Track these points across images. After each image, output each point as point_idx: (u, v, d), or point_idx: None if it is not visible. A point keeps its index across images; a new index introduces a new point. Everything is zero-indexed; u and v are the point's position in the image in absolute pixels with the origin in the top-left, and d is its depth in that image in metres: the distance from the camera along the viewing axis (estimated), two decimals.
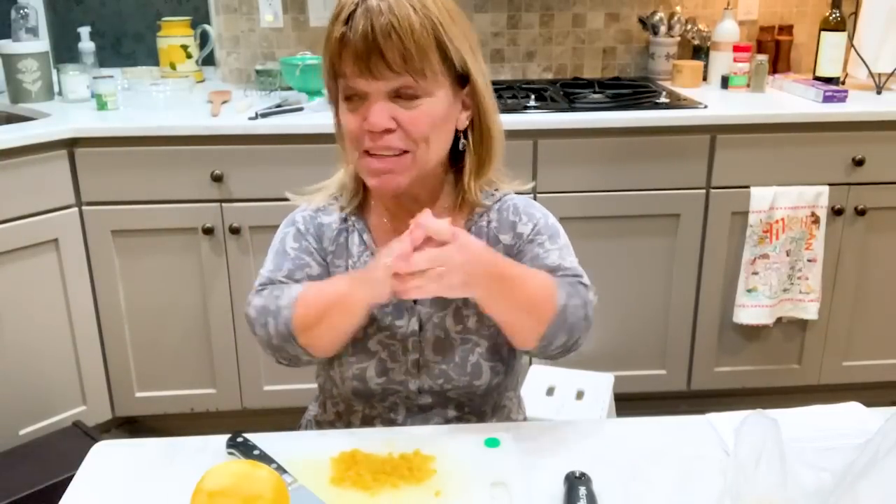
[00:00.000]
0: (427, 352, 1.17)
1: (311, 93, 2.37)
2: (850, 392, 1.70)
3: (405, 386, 1.17)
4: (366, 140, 1.07)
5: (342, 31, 1.03)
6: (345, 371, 1.17)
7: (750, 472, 0.86)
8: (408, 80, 1.04)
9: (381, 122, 1.05)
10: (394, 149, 1.07)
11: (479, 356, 1.17)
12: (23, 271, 2.12)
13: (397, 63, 1.03)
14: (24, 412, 2.19)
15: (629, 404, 2.20)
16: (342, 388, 1.19)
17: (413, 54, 1.03)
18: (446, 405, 1.19)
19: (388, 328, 1.17)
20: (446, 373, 1.16)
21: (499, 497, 0.95)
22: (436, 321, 1.17)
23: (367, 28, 1.02)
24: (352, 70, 1.04)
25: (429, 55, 1.05)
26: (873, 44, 2.47)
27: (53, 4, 2.77)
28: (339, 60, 1.05)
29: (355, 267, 1.19)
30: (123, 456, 1.05)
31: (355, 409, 1.22)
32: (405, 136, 1.07)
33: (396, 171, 1.08)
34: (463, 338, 1.17)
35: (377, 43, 1.02)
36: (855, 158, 2.29)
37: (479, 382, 1.17)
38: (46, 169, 2.11)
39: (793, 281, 2.37)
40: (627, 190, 2.28)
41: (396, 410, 1.20)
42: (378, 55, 1.02)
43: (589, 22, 2.77)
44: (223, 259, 2.25)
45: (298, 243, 1.19)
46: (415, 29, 1.03)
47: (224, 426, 1.17)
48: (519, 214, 1.20)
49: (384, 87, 1.05)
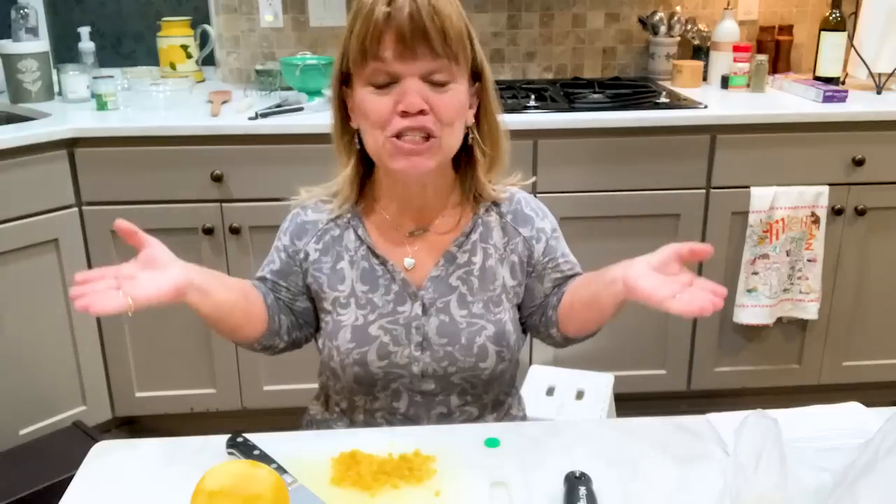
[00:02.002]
0: (431, 335, 1.18)
1: (311, 93, 2.37)
2: (850, 392, 1.70)
3: (408, 369, 1.18)
4: (396, 122, 1.08)
5: (387, 11, 1.04)
6: (345, 358, 1.18)
7: (750, 472, 0.86)
8: (443, 64, 1.07)
9: (418, 102, 1.06)
10: (426, 130, 1.08)
11: (485, 339, 1.18)
12: (23, 271, 2.12)
13: (439, 44, 1.05)
14: (24, 412, 2.19)
15: (629, 404, 2.20)
16: (344, 379, 1.20)
17: (452, 38, 1.06)
18: (449, 392, 1.20)
19: (391, 314, 1.18)
20: (451, 354, 1.17)
21: (499, 497, 0.95)
22: (440, 306, 1.19)
23: (414, 8, 1.04)
24: (393, 51, 1.05)
25: (464, 41, 1.09)
26: (873, 44, 2.47)
27: (53, 4, 2.77)
28: (379, 41, 1.05)
29: (353, 261, 1.20)
30: (123, 456, 1.05)
31: (357, 405, 1.23)
32: (436, 119, 1.08)
33: (425, 155, 1.10)
34: (469, 321, 1.18)
35: (423, 23, 1.04)
36: (855, 158, 2.29)
37: (485, 365, 1.18)
38: (46, 169, 2.11)
39: (793, 281, 2.37)
40: (627, 190, 2.28)
41: (399, 398, 1.20)
42: (422, 35, 1.04)
43: (589, 22, 2.77)
44: (223, 259, 2.25)
45: (277, 241, 1.25)
46: (453, 15, 1.07)
47: (224, 426, 1.17)
48: (533, 209, 1.26)
49: (420, 68, 1.06)
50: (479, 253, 1.21)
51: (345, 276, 1.20)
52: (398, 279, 1.19)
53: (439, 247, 1.21)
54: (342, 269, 1.20)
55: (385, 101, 1.08)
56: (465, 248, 1.21)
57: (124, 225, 1.00)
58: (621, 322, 2.36)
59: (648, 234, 2.32)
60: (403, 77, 1.06)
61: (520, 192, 1.27)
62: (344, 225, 1.22)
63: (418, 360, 1.18)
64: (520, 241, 1.23)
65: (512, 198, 1.25)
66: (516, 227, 1.23)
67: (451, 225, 1.21)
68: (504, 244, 1.22)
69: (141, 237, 1.02)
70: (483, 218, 1.22)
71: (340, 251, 1.21)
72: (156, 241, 1.03)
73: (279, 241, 1.25)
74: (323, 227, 1.22)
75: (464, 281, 1.20)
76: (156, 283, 0.98)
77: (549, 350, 2.32)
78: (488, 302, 1.20)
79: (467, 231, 1.21)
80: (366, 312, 1.18)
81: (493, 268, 1.21)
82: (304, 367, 1.30)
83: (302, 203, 1.25)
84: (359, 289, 1.19)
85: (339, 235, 1.21)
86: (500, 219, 1.23)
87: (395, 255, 1.20)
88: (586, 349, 1.21)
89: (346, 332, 1.18)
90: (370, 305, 1.18)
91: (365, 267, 1.20)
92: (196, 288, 1.05)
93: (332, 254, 1.21)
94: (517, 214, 1.24)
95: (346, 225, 1.21)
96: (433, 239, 1.21)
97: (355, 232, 1.21)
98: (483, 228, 1.22)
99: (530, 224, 1.23)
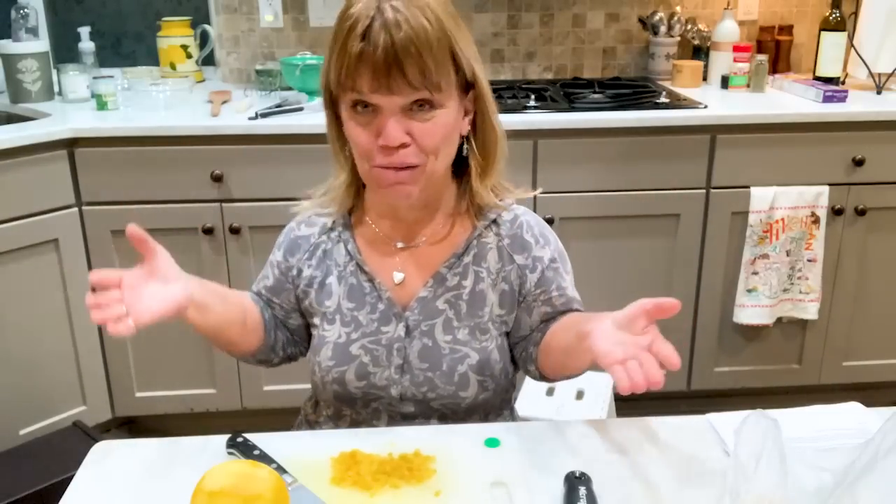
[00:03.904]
0: (412, 358, 1.16)
1: (311, 93, 2.37)
2: (850, 392, 1.70)
3: (387, 392, 1.16)
4: (377, 154, 1.05)
5: (360, 48, 0.99)
6: (325, 375, 1.17)
7: (750, 472, 0.86)
8: (424, 95, 1.02)
9: (398, 136, 1.02)
10: (407, 164, 1.05)
11: (468, 367, 1.15)
12: (23, 271, 2.12)
13: (416, 79, 1.00)
14: (24, 412, 2.19)
15: (629, 404, 2.19)
16: (324, 394, 1.20)
17: (432, 69, 1.01)
18: (429, 416, 1.18)
19: (373, 333, 1.16)
20: (431, 381, 1.15)
21: (499, 497, 0.95)
22: (424, 329, 1.16)
23: (388, 43, 0.98)
24: (369, 86, 1.01)
25: (446, 68, 1.03)
26: (873, 44, 2.47)
27: (53, 4, 2.77)
28: (354, 75, 1.01)
29: (342, 276, 1.19)
30: (123, 456, 1.05)
31: (344, 414, 1.22)
32: (418, 149, 1.05)
33: (409, 183, 1.07)
34: (452, 348, 1.15)
35: (398, 59, 0.98)
36: (855, 158, 2.29)
37: (465, 394, 1.16)
38: (46, 169, 2.11)
39: (793, 281, 2.37)
40: (627, 190, 2.28)
41: (379, 417, 1.19)
42: (398, 72, 0.99)
43: (589, 22, 2.77)
44: (223, 259, 2.25)
45: (272, 256, 1.24)
46: (433, 44, 1.00)
47: (224, 426, 1.17)
48: (535, 236, 1.19)
49: (400, 101, 1.02)
50: (471, 276, 1.17)
51: (332, 291, 1.18)
52: (384, 298, 1.17)
53: (431, 262, 1.18)
54: (330, 284, 1.19)
55: (366, 133, 1.05)
56: (455, 271, 1.17)
57: (136, 232, 0.99)
58: None
59: (648, 234, 2.32)
60: (383, 109, 1.02)
61: (527, 213, 1.21)
62: (335, 239, 1.20)
63: (397, 383, 1.16)
64: (513, 270, 1.17)
65: (515, 220, 1.19)
66: (511, 254, 1.17)
67: (443, 235, 1.18)
68: (497, 269, 1.17)
69: (150, 246, 1.01)
70: (479, 240, 1.18)
71: (330, 265, 1.19)
72: (163, 251, 1.02)
73: (273, 256, 1.24)
74: (315, 242, 1.21)
75: (451, 305, 1.16)
76: (157, 300, 0.98)
77: None
78: (475, 328, 1.16)
79: (459, 253, 1.17)
80: (349, 330, 1.17)
81: (483, 292, 1.17)
82: (304, 368, 1.30)
83: (298, 214, 1.23)
84: (345, 305, 1.18)
85: (329, 250, 1.20)
86: (497, 241, 1.18)
87: (384, 270, 1.18)
88: None
89: (327, 349, 1.17)
90: (354, 323, 1.17)
91: (353, 283, 1.18)
92: (195, 305, 1.05)
93: (322, 268, 1.20)
94: (515, 239, 1.18)
95: (336, 239, 1.20)
96: (424, 252, 1.18)
97: (345, 246, 1.19)
98: (478, 250, 1.17)
99: (527, 251, 1.18)
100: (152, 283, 1.00)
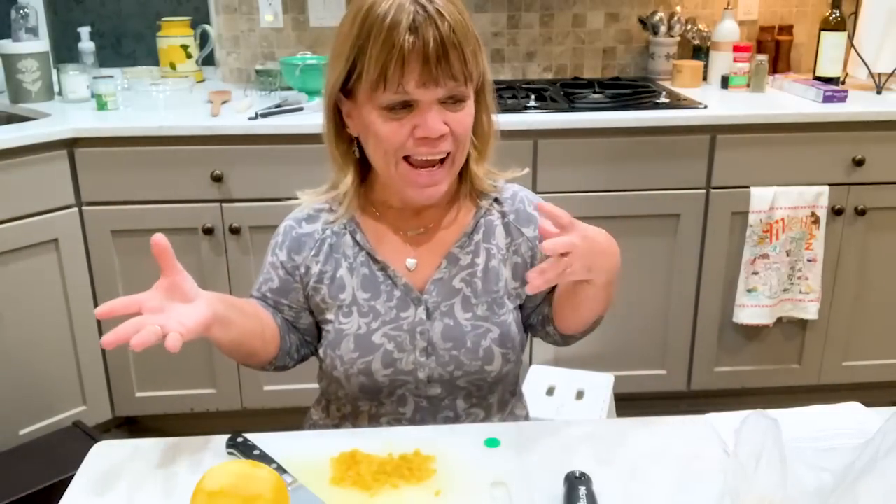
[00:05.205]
0: (436, 339, 1.17)
1: (311, 93, 2.37)
2: (850, 392, 1.70)
3: (414, 376, 1.17)
4: (412, 145, 1.07)
5: (412, 40, 1.01)
6: (349, 368, 1.17)
7: (750, 472, 0.86)
8: (461, 86, 1.06)
9: (439, 128, 1.06)
10: (444, 152, 1.08)
11: (490, 342, 1.17)
12: (23, 271, 2.12)
13: (460, 70, 1.04)
14: (24, 412, 2.19)
15: (629, 404, 2.20)
16: (349, 388, 1.19)
17: (469, 60, 1.05)
18: (455, 395, 1.20)
19: (394, 321, 1.17)
20: (457, 359, 1.17)
21: (499, 497, 0.95)
22: (444, 310, 1.18)
23: (437, 35, 1.01)
24: (417, 81, 1.03)
25: (478, 59, 1.08)
26: (873, 44, 2.47)
27: (53, 4, 2.77)
28: (402, 71, 1.02)
29: (353, 268, 1.19)
30: (123, 456, 1.05)
31: (362, 410, 1.22)
32: (453, 139, 1.08)
33: (441, 181, 1.11)
34: (474, 324, 1.18)
35: (445, 51, 1.02)
36: (855, 158, 2.29)
37: (491, 368, 1.18)
38: (46, 169, 2.11)
39: (793, 281, 2.37)
40: (627, 190, 2.28)
41: (405, 404, 1.20)
42: (446, 63, 1.03)
43: (589, 22, 2.77)
44: (223, 259, 2.25)
45: (272, 257, 1.22)
46: (469, 35, 1.05)
47: (224, 426, 1.17)
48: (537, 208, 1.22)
49: (441, 93, 1.05)
50: (483, 254, 1.20)
51: (345, 283, 1.18)
52: (400, 284, 1.18)
53: (441, 246, 1.20)
54: (342, 276, 1.19)
55: (401, 127, 1.06)
56: (467, 250, 1.20)
57: (162, 243, 0.97)
58: (621, 322, 2.37)
59: (648, 234, 2.32)
60: (421, 103, 1.05)
61: (522, 189, 1.26)
62: (340, 231, 1.20)
63: (424, 366, 1.17)
64: (523, 242, 1.21)
65: (514, 196, 1.23)
66: (519, 227, 1.22)
67: (451, 220, 1.21)
68: (507, 244, 1.21)
69: (172, 262, 0.99)
70: (485, 217, 1.21)
71: (339, 258, 1.19)
72: (183, 270, 1.00)
73: (274, 258, 1.21)
74: (320, 238, 1.20)
75: (467, 283, 1.19)
76: (188, 319, 0.96)
77: (549, 350, 2.32)
78: (492, 304, 1.19)
79: (469, 231, 1.20)
80: (368, 320, 1.17)
81: (496, 268, 1.20)
82: (304, 368, 1.30)
83: (293, 211, 1.23)
84: (360, 297, 1.18)
85: (335, 244, 1.20)
86: (502, 218, 1.22)
87: (396, 258, 1.19)
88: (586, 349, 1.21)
89: (349, 342, 1.17)
90: (373, 313, 1.17)
91: (365, 273, 1.19)
92: (219, 321, 1.03)
93: (330, 262, 1.19)
94: (520, 214, 1.22)
95: (342, 231, 1.20)
96: (433, 237, 1.20)
97: (353, 237, 1.19)
98: (485, 228, 1.21)
99: (534, 223, 1.21)
100: (176, 304, 0.98)
